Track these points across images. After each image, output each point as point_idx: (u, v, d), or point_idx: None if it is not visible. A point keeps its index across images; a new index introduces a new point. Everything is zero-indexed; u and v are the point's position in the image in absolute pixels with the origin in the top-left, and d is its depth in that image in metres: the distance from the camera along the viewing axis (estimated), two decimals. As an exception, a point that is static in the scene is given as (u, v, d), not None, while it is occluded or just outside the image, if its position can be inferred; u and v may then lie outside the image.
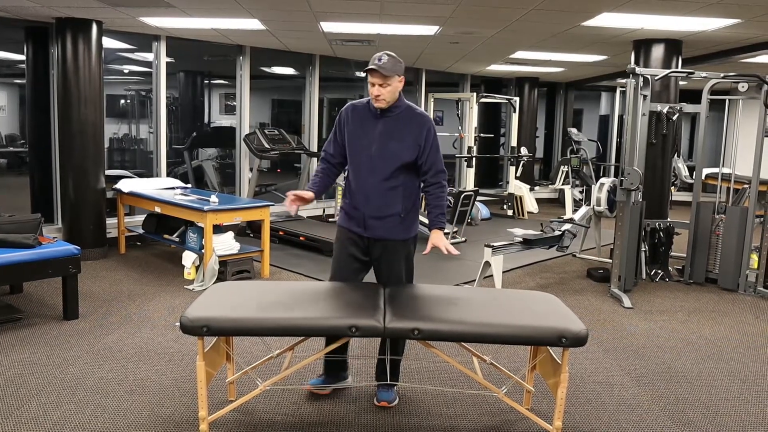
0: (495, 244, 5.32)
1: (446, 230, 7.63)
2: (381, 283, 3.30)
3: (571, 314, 2.91)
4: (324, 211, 8.87)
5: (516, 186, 10.17)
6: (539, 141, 12.33)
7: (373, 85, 3.05)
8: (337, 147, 3.28)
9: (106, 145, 7.32)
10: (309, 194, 3.25)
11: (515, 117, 10.02)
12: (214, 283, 5.36)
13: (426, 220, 3.84)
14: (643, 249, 6.09)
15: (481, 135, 9.92)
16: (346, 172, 3.34)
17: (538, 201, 10.77)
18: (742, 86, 5.56)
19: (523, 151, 10.23)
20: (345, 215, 3.30)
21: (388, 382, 3.29)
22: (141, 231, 6.64)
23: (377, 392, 3.36)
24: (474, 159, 9.37)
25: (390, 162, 3.12)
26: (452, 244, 7.37)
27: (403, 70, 3.12)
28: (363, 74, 9.43)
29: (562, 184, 10.77)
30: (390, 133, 3.12)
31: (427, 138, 3.14)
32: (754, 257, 5.81)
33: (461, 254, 7.04)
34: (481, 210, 9.42)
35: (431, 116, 3.31)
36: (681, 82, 6.45)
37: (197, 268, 5.63)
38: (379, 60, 3.03)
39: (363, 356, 3.95)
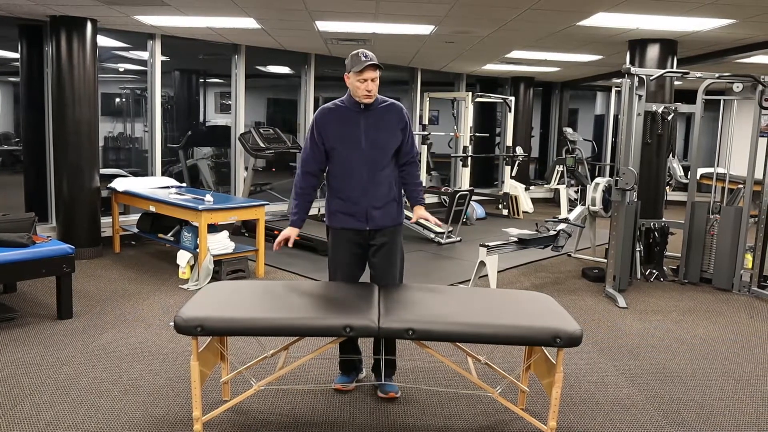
0: (490, 243, 5.33)
1: (441, 230, 7.67)
2: (376, 272, 3.34)
3: (566, 314, 2.91)
4: (319, 210, 8.85)
5: (511, 185, 10.17)
6: (534, 140, 12.34)
7: (366, 80, 3.11)
8: (317, 154, 3.28)
9: (101, 143, 7.29)
10: (293, 233, 3.39)
11: (511, 116, 10.02)
12: (208, 282, 5.35)
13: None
14: (638, 249, 6.10)
15: (477, 135, 9.93)
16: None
17: (534, 201, 10.78)
18: (737, 86, 5.58)
19: (519, 150, 10.24)
20: (340, 215, 3.31)
21: (383, 381, 3.35)
22: (136, 230, 6.62)
23: (380, 386, 3.39)
24: (469, 158, 9.36)
25: (382, 152, 3.25)
26: (447, 243, 7.45)
27: None
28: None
29: (558, 184, 10.79)
30: (375, 125, 3.22)
31: (407, 124, 3.31)
32: (749, 257, 5.82)
33: (457, 254, 7.10)
34: (477, 209, 9.42)
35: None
36: (676, 82, 6.46)
37: (192, 267, 5.61)
38: (366, 56, 3.11)
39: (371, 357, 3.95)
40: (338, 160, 3.26)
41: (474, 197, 8.62)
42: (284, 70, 11.32)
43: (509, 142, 10.12)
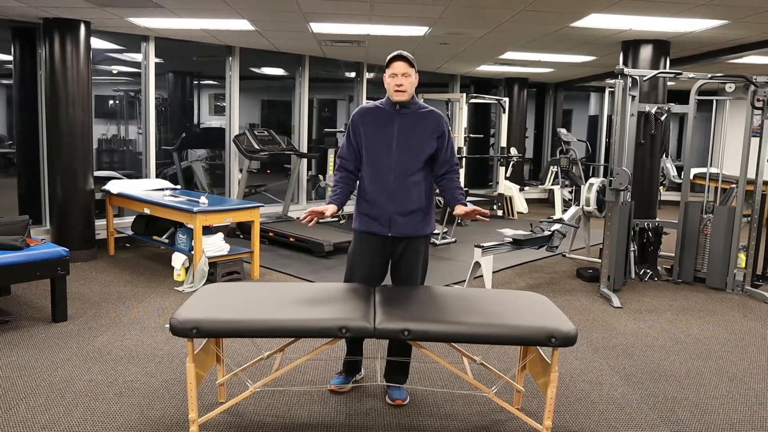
0: (485, 244, 5.33)
1: (437, 231, 7.67)
2: (397, 282, 3.34)
3: (561, 314, 2.92)
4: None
5: (506, 186, 10.19)
6: (529, 141, 12.37)
7: (395, 75, 3.13)
8: (351, 152, 3.29)
9: (95, 146, 7.28)
10: (332, 208, 3.22)
11: (505, 117, 10.05)
12: (203, 284, 5.34)
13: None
14: (632, 249, 6.12)
15: (471, 135, 9.94)
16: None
17: (528, 201, 10.79)
18: (729, 87, 5.61)
19: (513, 151, 10.26)
20: (364, 218, 3.29)
21: (395, 384, 3.37)
22: (130, 232, 6.61)
23: (389, 391, 3.38)
24: (464, 159, 9.38)
25: (412, 157, 3.19)
26: (442, 245, 7.45)
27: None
28: (362, 76, 9.42)
29: (552, 185, 10.81)
30: (409, 129, 3.19)
31: (444, 133, 3.24)
32: (742, 256, 5.85)
33: (452, 254, 7.10)
34: (472, 210, 9.41)
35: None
36: (669, 83, 6.50)
37: (187, 269, 5.61)
38: (399, 52, 3.15)
39: (367, 357, 3.94)
40: (368, 161, 3.23)
41: (468, 198, 8.62)
42: (278, 71, 11.31)
43: (503, 142, 10.14)
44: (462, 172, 9.39)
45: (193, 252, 5.47)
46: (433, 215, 3.36)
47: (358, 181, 3.36)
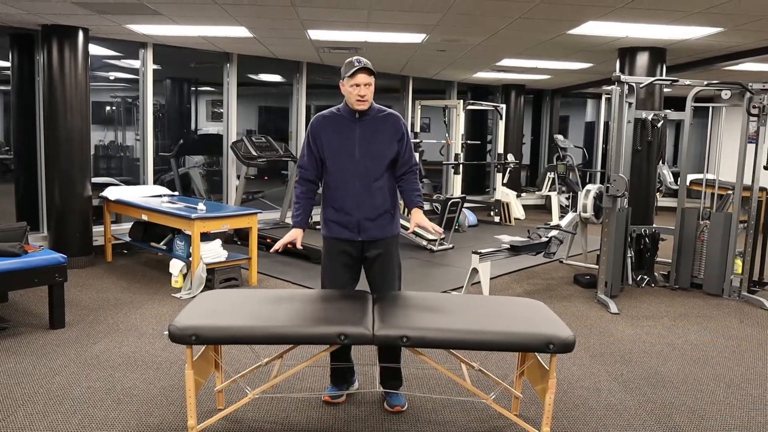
0: (482, 250, 5.34)
1: (434, 237, 7.68)
2: (374, 284, 3.35)
3: (559, 320, 2.93)
4: (311, 218, 8.86)
5: (503, 192, 10.21)
6: (526, 148, 12.40)
7: (358, 85, 3.13)
8: (312, 161, 3.29)
9: (92, 152, 7.28)
10: (298, 234, 3.36)
11: (502, 124, 10.08)
12: (201, 291, 5.34)
13: (404, 223, 3.93)
14: (629, 255, 6.13)
15: (468, 142, 9.97)
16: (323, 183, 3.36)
17: (525, 207, 10.82)
18: (725, 94, 5.63)
19: (510, 157, 10.28)
20: (332, 225, 3.31)
21: (390, 390, 3.36)
22: (128, 239, 6.60)
23: (387, 398, 3.37)
24: (461, 166, 9.41)
25: (377, 162, 3.21)
26: (440, 250, 7.46)
27: None
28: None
29: (549, 191, 10.84)
30: (371, 135, 3.21)
31: (403, 135, 3.28)
32: (739, 262, 5.87)
33: (449, 261, 7.12)
34: (468, 217, 9.45)
35: (406, 119, 3.38)
36: (665, 90, 6.52)
37: (185, 276, 5.60)
38: (359, 61, 3.15)
39: (366, 364, 3.94)
40: (332, 170, 3.25)
41: (466, 204, 8.64)
42: (276, 78, 11.34)
43: (501, 149, 10.16)
44: (459, 178, 9.42)
45: (190, 258, 5.47)
46: (399, 216, 3.40)
47: (319, 190, 3.38)
